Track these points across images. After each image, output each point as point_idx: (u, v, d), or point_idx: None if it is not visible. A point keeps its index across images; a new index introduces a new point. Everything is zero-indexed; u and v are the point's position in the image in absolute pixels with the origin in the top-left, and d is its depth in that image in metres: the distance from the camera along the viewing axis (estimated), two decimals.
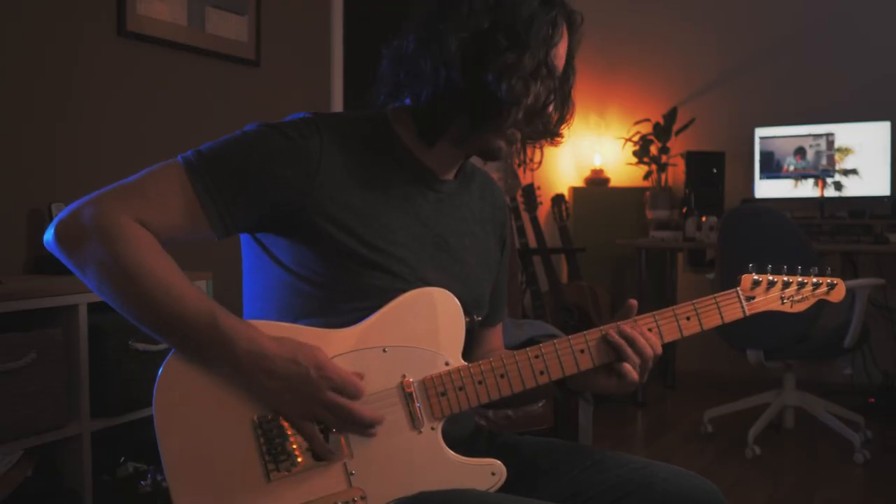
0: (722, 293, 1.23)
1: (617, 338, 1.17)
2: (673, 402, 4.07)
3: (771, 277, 1.25)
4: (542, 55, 1.12)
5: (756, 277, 1.25)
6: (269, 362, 1.03)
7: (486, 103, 1.11)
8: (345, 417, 1.05)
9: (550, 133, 1.21)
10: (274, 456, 1.05)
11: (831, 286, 1.29)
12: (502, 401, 1.30)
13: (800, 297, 1.27)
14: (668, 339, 1.19)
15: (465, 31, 1.10)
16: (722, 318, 1.22)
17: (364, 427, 1.06)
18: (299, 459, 1.05)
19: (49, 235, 1.04)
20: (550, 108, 1.17)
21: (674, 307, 1.20)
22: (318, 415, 1.05)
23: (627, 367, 1.16)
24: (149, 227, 1.04)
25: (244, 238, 1.19)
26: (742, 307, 1.23)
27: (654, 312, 1.20)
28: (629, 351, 1.16)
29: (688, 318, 1.20)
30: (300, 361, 1.03)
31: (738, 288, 1.24)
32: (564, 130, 1.23)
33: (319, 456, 1.06)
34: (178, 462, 1.03)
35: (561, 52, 1.17)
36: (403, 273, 1.14)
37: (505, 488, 1.13)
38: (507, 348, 1.39)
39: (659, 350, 1.18)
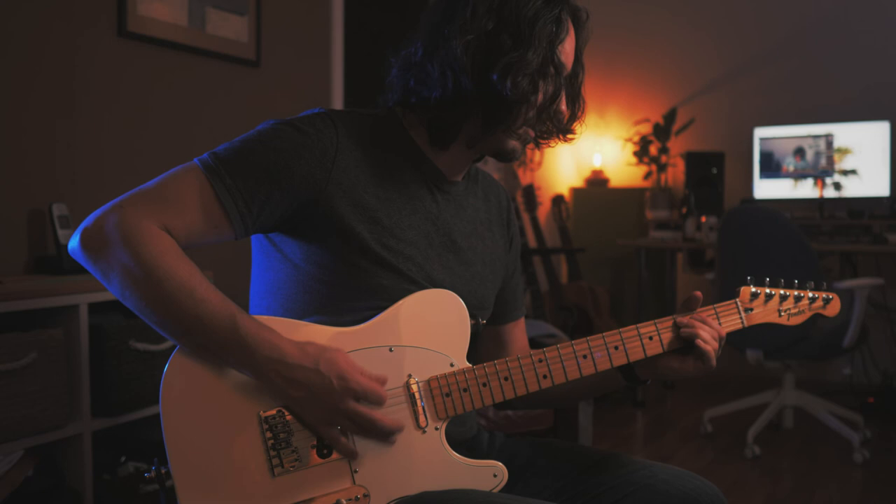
0: (721, 304, 1.24)
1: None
2: (673, 402, 4.07)
3: (769, 290, 1.26)
4: (549, 52, 1.13)
5: (754, 289, 1.25)
6: (290, 371, 1.02)
7: (495, 104, 1.12)
8: (367, 427, 1.04)
9: (563, 130, 1.21)
10: (279, 451, 1.05)
11: (827, 300, 1.30)
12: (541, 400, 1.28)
13: (797, 310, 1.28)
14: (668, 347, 1.19)
15: (470, 34, 1.11)
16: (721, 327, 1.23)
17: (386, 435, 1.06)
18: (304, 456, 1.05)
19: (74, 243, 1.04)
20: (562, 105, 1.17)
21: (674, 315, 1.21)
22: (340, 423, 1.04)
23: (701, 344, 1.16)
24: (171, 232, 1.04)
25: (254, 236, 1.19)
26: (741, 318, 1.24)
27: (656, 321, 1.20)
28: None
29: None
30: (322, 371, 1.02)
31: (738, 299, 1.25)
32: (577, 127, 1.23)
33: (346, 456, 1.06)
34: (183, 456, 1.03)
35: (568, 48, 1.17)
36: (411, 272, 1.14)
37: (505, 489, 1.14)
38: None
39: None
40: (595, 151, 4.90)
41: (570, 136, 1.23)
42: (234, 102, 2.94)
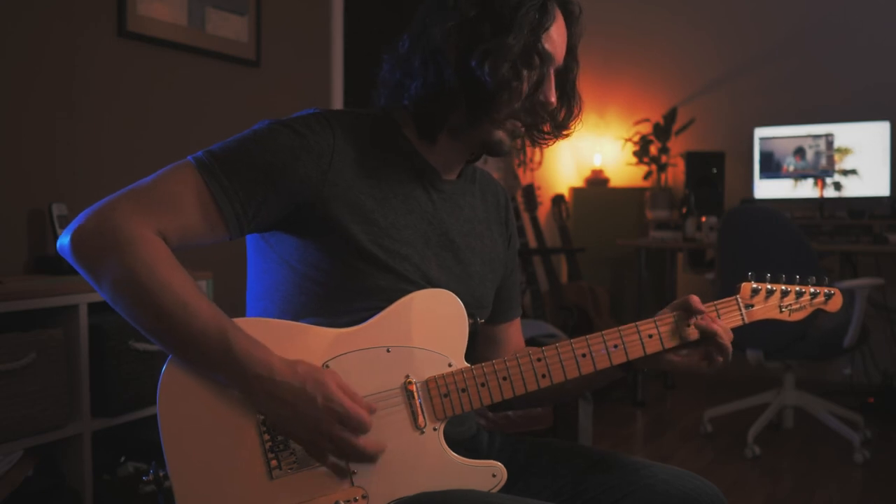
0: (722, 300, 1.23)
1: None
2: (673, 401, 4.07)
3: (770, 286, 1.25)
4: (531, 40, 1.11)
5: (755, 286, 1.25)
6: (277, 388, 1.00)
7: (476, 92, 1.11)
8: (347, 452, 1.03)
9: (557, 126, 1.20)
10: (277, 454, 1.04)
11: (828, 296, 1.29)
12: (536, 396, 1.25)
13: (798, 305, 1.27)
14: (668, 344, 1.19)
15: (451, 21, 1.11)
16: None
17: (366, 460, 1.05)
18: (302, 457, 1.05)
19: (65, 242, 1.01)
20: (550, 96, 1.15)
21: (674, 313, 1.20)
22: (323, 446, 1.03)
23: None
24: (165, 235, 1.03)
25: (250, 238, 1.18)
26: (741, 315, 1.23)
27: (656, 318, 1.19)
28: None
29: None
30: (308, 389, 1.01)
31: (738, 296, 1.24)
32: (574, 124, 1.22)
33: (338, 474, 1.05)
34: (180, 458, 1.03)
35: (555, 38, 1.15)
36: (408, 272, 1.14)
37: (505, 489, 1.13)
38: None
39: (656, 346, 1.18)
40: (595, 151, 4.90)
41: (565, 132, 1.22)
42: (234, 102, 2.94)
